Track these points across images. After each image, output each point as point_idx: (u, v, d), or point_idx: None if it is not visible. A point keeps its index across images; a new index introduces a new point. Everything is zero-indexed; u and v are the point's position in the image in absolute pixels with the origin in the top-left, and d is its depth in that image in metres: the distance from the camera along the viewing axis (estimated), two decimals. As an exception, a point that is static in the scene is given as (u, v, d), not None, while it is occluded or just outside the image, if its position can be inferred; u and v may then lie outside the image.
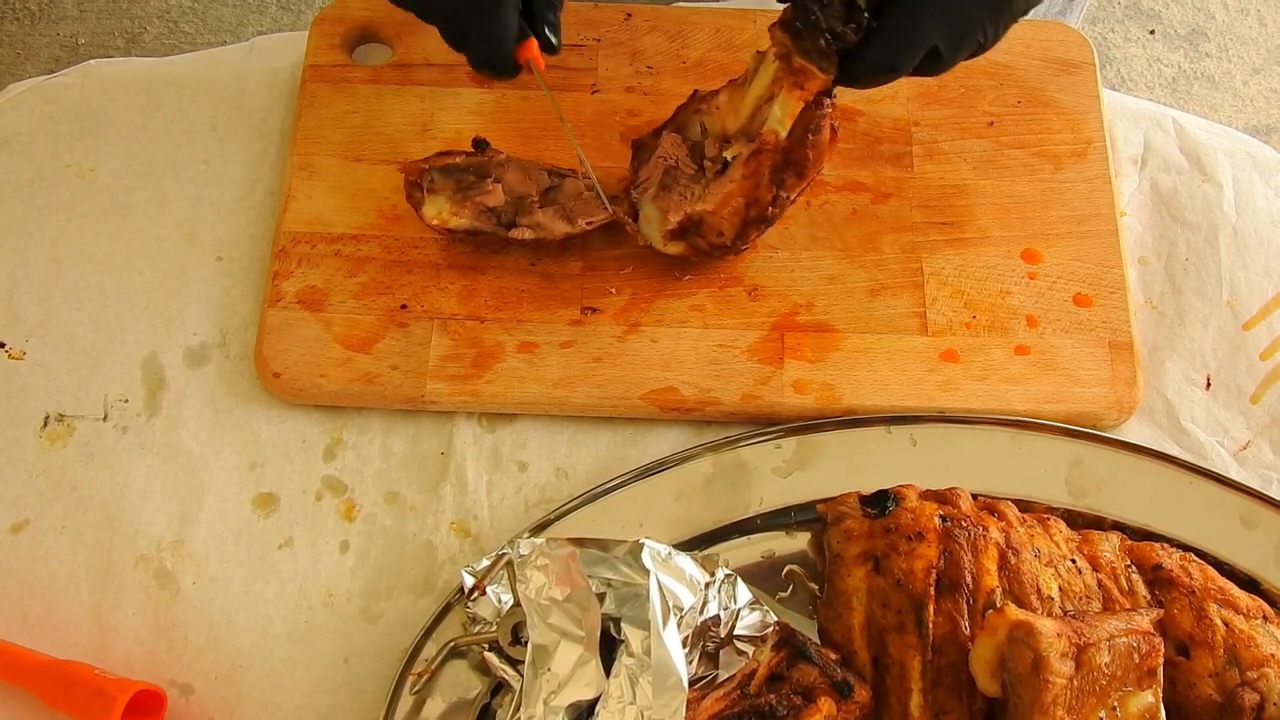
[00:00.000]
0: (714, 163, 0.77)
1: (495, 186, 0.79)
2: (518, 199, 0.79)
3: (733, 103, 0.76)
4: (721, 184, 0.76)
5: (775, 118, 0.74)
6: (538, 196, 0.79)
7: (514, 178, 0.79)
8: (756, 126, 0.75)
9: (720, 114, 0.77)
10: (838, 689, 0.65)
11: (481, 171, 0.79)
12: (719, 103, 0.77)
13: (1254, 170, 0.87)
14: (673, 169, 0.78)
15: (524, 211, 0.79)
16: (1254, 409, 0.80)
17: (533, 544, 0.66)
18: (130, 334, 0.81)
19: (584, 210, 0.79)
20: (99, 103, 0.88)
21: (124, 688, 0.68)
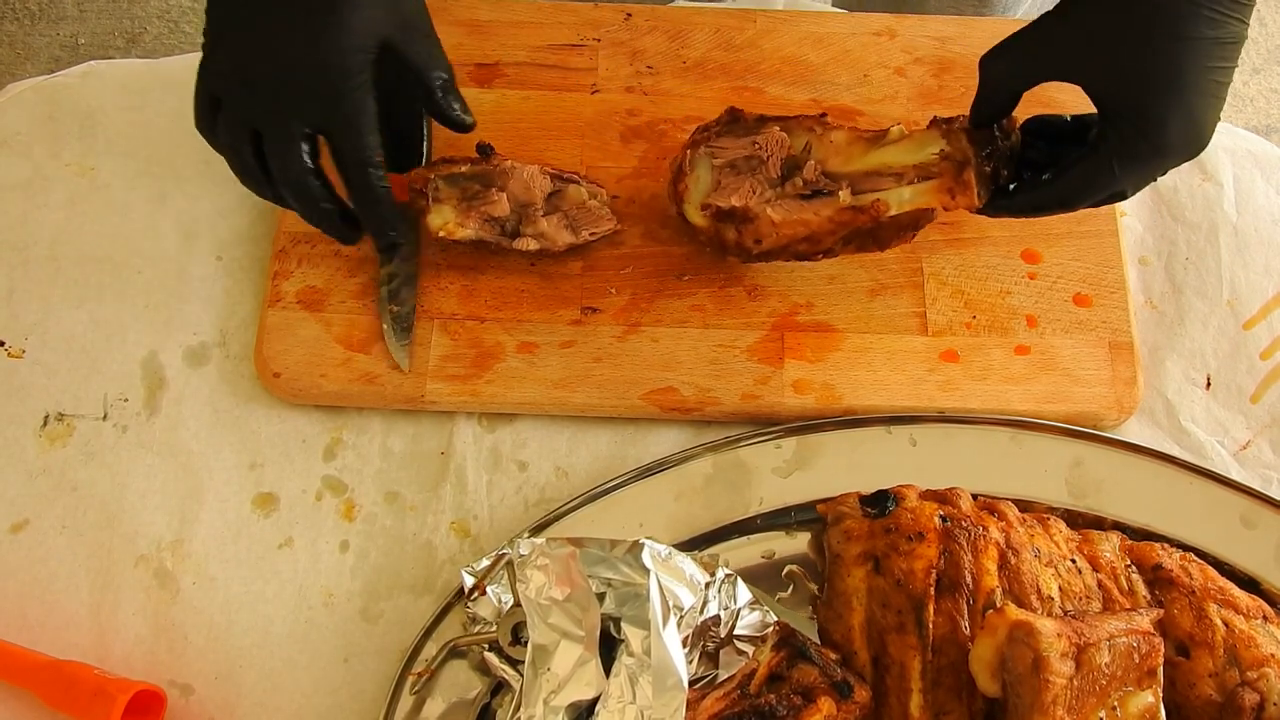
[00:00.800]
0: (807, 185, 0.75)
1: (500, 196, 0.78)
2: (522, 207, 0.79)
3: (851, 149, 0.74)
4: (801, 208, 0.75)
5: (900, 198, 0.73)
6: (541, 204, 0.79)
7: (517, 185, 0.78)
8: (865, 186, 0.74)
9: (832, 148, 0.75)
10: (838, 689, 0.65)
11: (486, 180, 0.79)
12: (835, 138, 0.75)
13: (1255, 168, 0.87)
14: (758, 160, 0.76)
15: (528, 220, 0.79)
16: (1254, 409, 0.80)
17: (533, 544, 0.66)
18: (130, 333, 0.81)
19: (588, 220, 0.79)
20: (99, 102, 0.88)
21: (124, 688, 0.68)
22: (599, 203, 0.79)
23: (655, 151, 0.85)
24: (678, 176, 0.77)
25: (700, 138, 0.77)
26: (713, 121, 0.77)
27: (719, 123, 0.77)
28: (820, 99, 0.87)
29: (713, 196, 0.76)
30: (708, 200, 0.76)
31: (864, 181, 0.74)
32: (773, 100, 0.87)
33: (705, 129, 0.77)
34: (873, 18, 0.90)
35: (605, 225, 0.79)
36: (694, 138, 0.77)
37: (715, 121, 0.77)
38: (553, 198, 0.79)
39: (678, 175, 0.77)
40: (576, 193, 0.79)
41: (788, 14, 0.90)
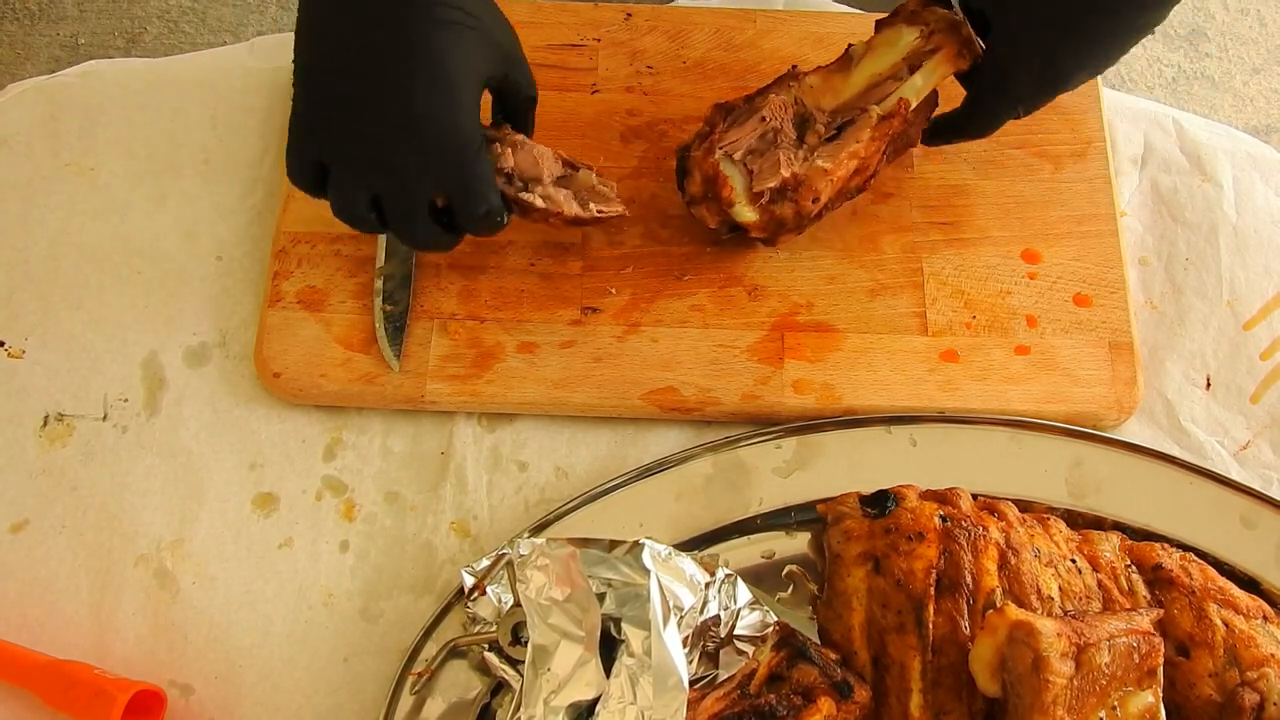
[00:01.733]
0: (828, 127, 0.76)
1: (507, 152, 0.75)
2: (527, 180, 0.76)
3: (832, 83, 0.76)
4: (840, 146, 0.75)
5: (914, 87, 0.75)
6: (549, 182, 0.77)
7: (526, 160, 0.76)
8: (868, 102, 0.76)
9: (817, 92, 0.76)
10: (838, 689, 0.65)
11: (499, 140, 0.76)
12: (812, 83, 0.76)
13: (1254, 170, 0.87)
14: (773, 132, 0.76)
15: (535, 186, 0.76)
16: (1254, 409, 0.80)
17: (533, 544, 0.66)
18: (130, 333, 0.81)
19: (597, 199, 0.77)
20: (99, 102, 0.88)
21: (124, 688, 0.68)
22: (609, 189, 0.78)
23: (655, 151, 0.85)
24: (717, 188, 0.76)
25: (709, 144, 0.76)
26: (706, 126, 0.77)
27: (715, 123, 0.77)
28: (820, 99, 0.87)
29: (757, 184, 0.75)
30: (756, 189, 0.75)
31: (867, 99, 0.76)
32: (773, 100, 0.87)
33: (707, 134, 0.76)
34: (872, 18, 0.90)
35: (615, 207, 0.77)
36: (703, 148, 0.76)
37: (709, 124, 0.77)
38: (561, 180, 0.77)
39: (716, 186, 0.76)
40: (586, 177, 0.78)
41: (788, 14, 0.90)
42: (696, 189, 0.76)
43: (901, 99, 0.75)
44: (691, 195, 0.77)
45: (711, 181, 0.75)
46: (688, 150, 0.77)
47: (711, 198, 0.76)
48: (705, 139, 0.76)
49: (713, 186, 0.75)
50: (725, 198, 0.75)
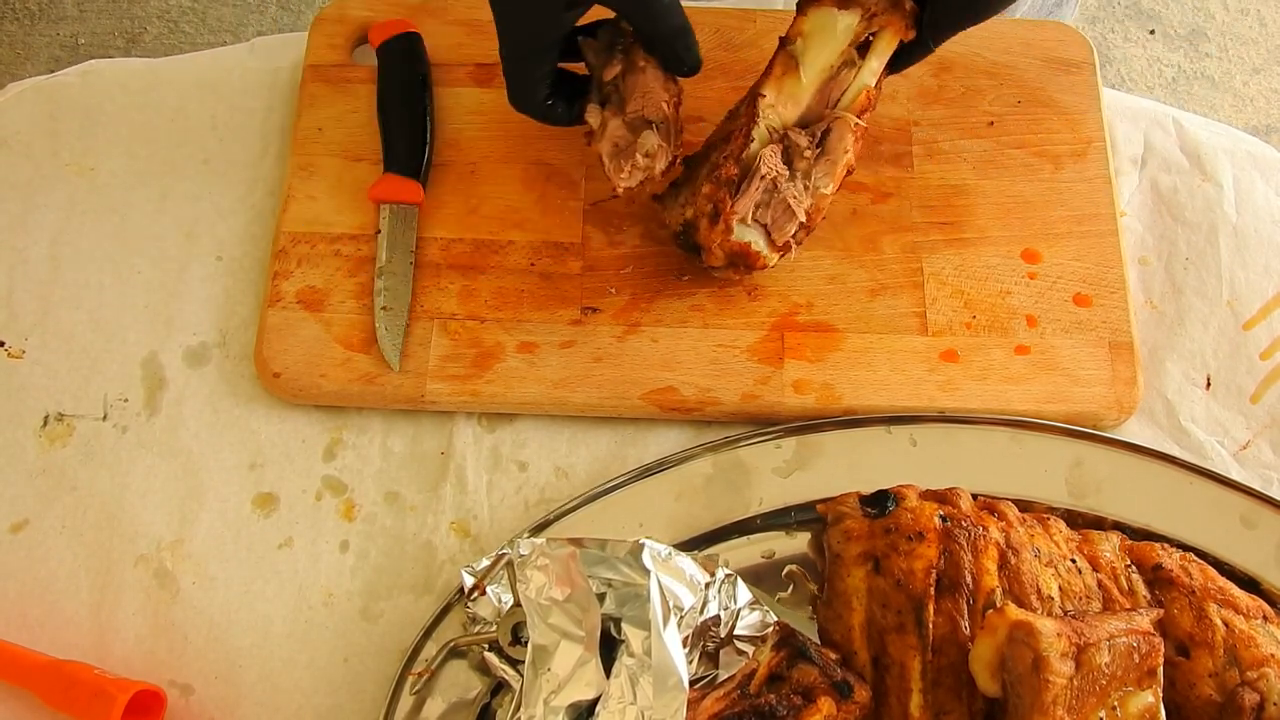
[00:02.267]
0: (810, 148, 0.74)
1: (616, 61, 0.74)
2: (610, 98, 0.76)
3: (784, 92, 0.74)
4: (833, 161, 0.74)
5: (871, 71, 0.73)
6: (620, 115, 0.75)
7: (629, 84, 0.74)
8: (832, 99, 0.74)
9: (777, 110, 0.74)
10: (838, 689, 0.65)
11: (607, 38, 0.76)
12: (769, 102, 0.74)
13: (1254, 169, 0.87)
14: (773, 182, 0.74)
15: (611, 106, 0.75)
16: (1254, 409, 0.80)
17: (533, 544, 0.66)
18: (130, 333, 0.81)
19: (627, 161, 0.75)
20: (99, 102, 0.88)
21: (124, 688, 0.68)
22: (648, 164, 0.75)
23: (655, 151, 0.85)
24: (748, 260, 0.75)
25: (724, 224, 0.73)
26: (707, 204, 0.74)
27: (720, 200, 0.73)
28: (820, 99, 0.87)
29: (779, 236, 0.75)
30: (780, 242, 0.75)
31: (827, 96, 0.74)
32: (773, 100, 0.87)
33: (717, 214, 0.73)
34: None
35: (620, 181, 0.75)
36: (718, 229, 0.74)
37: (712, 202, 0.74)
38: (632, 122, 0.76)
39: (747, 260, 0.75)
40: (648, 140, 0.75)
41: (788, 14, 0.90)
42: (719, 260, 0.76)
43: (866, 89, 0.74)
44: (713, 265, 0.77)
45: (739, 255, 0.75)
46: (693, 228, 0.75)
47: (740, 265, 0.76)
48: (717, 218, 0.73)
49: (741, 258, 0.75)
50: (758, 265, 0.76)
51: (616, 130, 0.75)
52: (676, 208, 0.76)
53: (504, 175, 0.84)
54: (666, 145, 0.75)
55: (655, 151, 0.74)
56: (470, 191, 0.83)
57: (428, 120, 0.84)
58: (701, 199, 0.74)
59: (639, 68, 0.74)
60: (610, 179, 0.75)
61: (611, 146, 0.75)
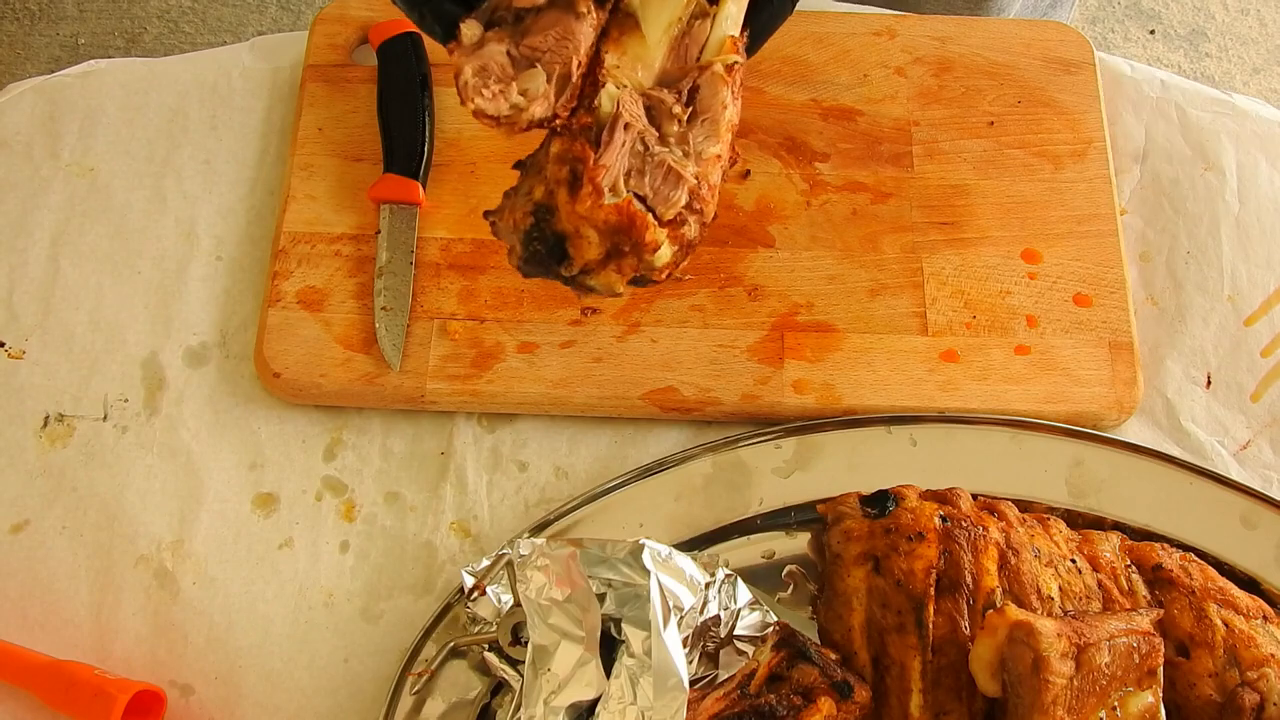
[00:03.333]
0: (680, 107, 0.58)
1: None
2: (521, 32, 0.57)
3: (630, 53, 0.58)
4: (712, 119, 0.58)
5: (730, 17, 0.59)
6: (518, 50, 0.57)
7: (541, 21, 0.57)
8: (688, 56, 0.59)
9: (623, 72, 0.58)
10: (838, 689, 0.65)
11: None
12: (612, 63, 0.58)
13: (1260, 151, 0.87)
14: (639, 138, 0.58)
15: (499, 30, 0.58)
16: (1254, 407, 0.80)
17: (533, 544, 0.66)
18: (130, 333, 0.81)
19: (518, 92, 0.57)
20: (99, 102, 0.88)
21: (124, 688, 0.68)
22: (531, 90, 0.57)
23: (655, 151, 0.85)
24: (634, 234, 0.57)
25: (589, 185, 0.56)
26: (560, 167, 0.57)
27: (578, 155, 0.57)
28: (819, 99, 0.87)
29: (666, 209, 0.58)
30: (668, 216, 0.58)
31: (685, 54, 0.59)
32: (772, 100, 0.87)
33: (575, 178, 0.56)
34: (872, 17, 0.91)
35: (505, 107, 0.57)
36: (581, 193, 0.56)
37: (568, 160, 0.57)
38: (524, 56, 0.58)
39: (632, 232, 0.57)
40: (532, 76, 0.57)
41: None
42: (594, 252, 0.57)
43: (729, 38, 0.59)
44: (588, 263, 0.58)
45: (621, 229, 0.57)
46: (547, 212, 0.57)
47: (625, 251, 0.57)
48: (578, 182, 0.56)
49: (625, 235, 0.57)
50: (649, 241, 0.57)
51: (496, 55, 0.56)
52: (520, 200, 0.59)
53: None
54: (552, 98, 0.56)
55: (536, 95, 0.56)
56: (470, 191, 0.83)
57: (428, 120, 0.84)
58: (552, 163, 0.57)
59: (576, 12, 0.57)
60: (461, 95, 0.56)
61: (481, 66, 0.56)
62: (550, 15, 0.56)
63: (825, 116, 0.87)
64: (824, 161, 0.85)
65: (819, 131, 0.86)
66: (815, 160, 0.85)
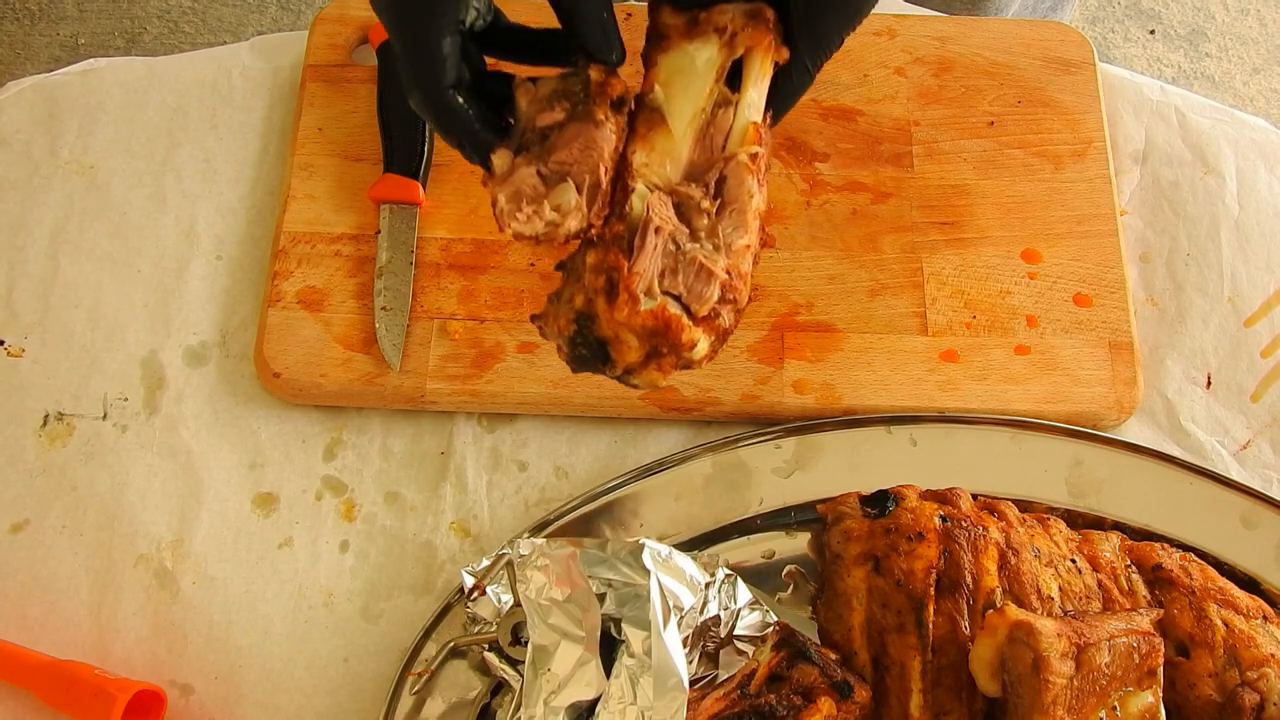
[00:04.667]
0: (708, 200, 0.60)
1: (562, 110, 0.60)
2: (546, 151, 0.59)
3: (657, 149, 0.61)
4: (739, 209, 0.60)
5: (751, 104, 0.60)
6: (547, 169, 0.60)
7: (567, 134, 0.59)
8: (713, 145, 0.61)
9: (653, 170, 0.60)
10: (838, 689, 0.65)
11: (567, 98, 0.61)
12: (641, 161, 0.60)
13: (1259, 158, 0.87)
14: (670, 239, 0.60)
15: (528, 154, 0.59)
16: (1254, 408, 0.80)
17: (533, 544, 0.66)
18: (130, 332, 0.81)
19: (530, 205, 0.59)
20: (98, 101, 0.88)
21: (124, 688, 0.68)
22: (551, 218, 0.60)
23: (655, 151, 0.85)
24: (670, 336, 0.59)
25: (626, 292, 0.58)
26: (596, 277, 0.59)
27: (614, 264, 0.58)
28: (820, 99, 0.87)
29: (700, 306, 0.60)
30: (703, 313, 0.60)
31: (711, 144, 0.61)
32: (773, 100, 0.87)
33: (612, 286, 0.58)
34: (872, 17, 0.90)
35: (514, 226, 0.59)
36: (619, 301, 0.58)
37: (604, 270, 0.58)
38: (550, 171, 0.60)
39: (669, 335, 0.59)
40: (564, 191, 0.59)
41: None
42: (635, 355, 0.59)
43: (751, 124, 0.60)
44: (629, 366, 0.60)
45: (659, 332, 0.58)
46: (588, 320, 0.59)
47: (664, 352, 0.59)
48: (615, 290, 0.58)
49: (662, 337, 0.58)
50: (685, 342, 0.59)
51: (527, 178, 0.59)
52: (562, 308, 0.60)
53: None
54: (584, 210, 0.59)
55: (570, 210, 0.58)
56: (470, 191, 0.83)
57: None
58: (589, 273, 0.59)
59: (595, 120, 0.59)
60: (498, 221, 0.59)
61: (514, 191, 0.59)
62: (572, 128, 0.59)
63: (825, 116, 0.87)
64: (824, 161, 0.85)
65: (819, 131, 0.86)
66: (815, 160, 0.85)
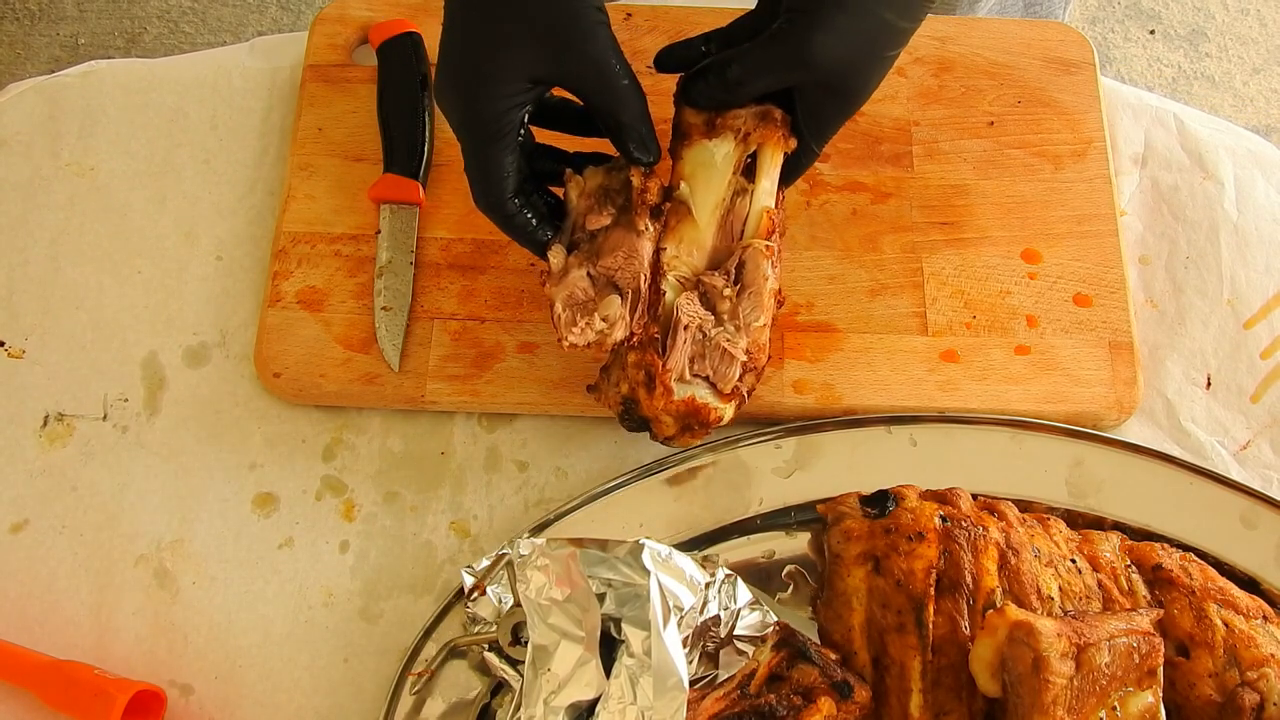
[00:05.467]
0: (730, 287, 0.70)
1: (609, 216, 0.71)
2: (595, 253, 0.71)
3: (684, 239, 0.70)
4: (756, 293, 0.70)
5: (765, 193, 0.70)
6: (596, 272, 0.70)
7: (611, 239, 0.70)
8: (735, 232, 0.71)
9: (682, 261, 0.71)
10: (838, 689, 0.65)
11: (614, 199, 0.72)
12: (671, 254, 0.70)
13: (1255, 167, 0.87)
14: (700, 330, 0.70)
15: (579, 254, 0.71)
16: (1254, 408, 0.80)
17: (533, 544, 0.66)
18: (130, 333, 0.81)
19: (584, 317, 0.70)
20: (99, 102, 0.88)
21: (124, 688, 0.68)
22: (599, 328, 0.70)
23: (655, 151, 0.85)
24: (700, 418, 0.70)
25: (660, 387, 0.69)
26: (636, 371, 0.69)
27: (650, 364, 0.69)
28: (820, 99, 0.87)
29: (724, 384, 0.70)
30: (727, 390, 0.70)
31: (729, 231, 0.71)
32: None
33: (649, 379, 0.69)
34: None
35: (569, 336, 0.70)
36: (656, 394, 0.69)
37: (642, 368, 0.69)
38: (600, 281, 0.71)
39: (699, 417, 0.70)
40: (610, 304, 0.69)
41: (788, 14, 0.90)
42: (671, 429, 0.70)
43: (766, 211, 0.70)
44: (668, 437, 0.71)
45: (690, 414, 0.70)
46: (632, 403, 0.69)
47: (695, 427, 0.70)
48: (652, 384, 0.68)
49: (694, 417, 0.70)
50: (713, 419, 0.70)
51: (579, 281, 0.70)
52: (611, 389, 0.71)
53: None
54: (627, 318, 0.69)
55: (616, 320, 0.69)
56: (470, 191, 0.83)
57: (428, 120, 0.84)
58: (630, 368, 0.69)
59: (637, 230, 0.69)
60: (556, 329, 0.69)
61: (568, 295, 0.69)
62: (617, 234, 0.70)
63: (825, 116, 0.87)
64: (824, 161, 0.85)
65: (819, 131, 0.86)
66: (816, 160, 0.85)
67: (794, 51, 0.65)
